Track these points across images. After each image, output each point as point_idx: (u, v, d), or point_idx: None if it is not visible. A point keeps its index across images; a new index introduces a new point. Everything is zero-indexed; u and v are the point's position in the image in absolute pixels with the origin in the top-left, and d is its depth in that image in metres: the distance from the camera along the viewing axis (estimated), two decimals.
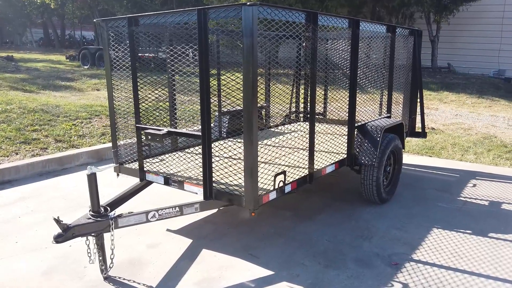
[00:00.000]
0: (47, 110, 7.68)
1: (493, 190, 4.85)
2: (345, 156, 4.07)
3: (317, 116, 4.87)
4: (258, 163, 2.93)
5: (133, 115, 3.75)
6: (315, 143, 3.52)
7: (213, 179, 3.15)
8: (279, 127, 5.68)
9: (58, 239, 2.67)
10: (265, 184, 3.16)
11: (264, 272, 3.06)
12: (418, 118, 5.59)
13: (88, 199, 4.56)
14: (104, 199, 4.24)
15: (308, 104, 3.44)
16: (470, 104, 11.63)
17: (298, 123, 6.10)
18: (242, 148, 2.87)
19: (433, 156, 6.46)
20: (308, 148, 3.48)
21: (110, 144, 6.45)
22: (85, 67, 16.32)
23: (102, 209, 2.90)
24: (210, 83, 2.99)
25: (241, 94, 2.77)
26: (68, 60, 19.28)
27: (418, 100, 5.48)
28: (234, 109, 4.96)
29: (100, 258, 2.88)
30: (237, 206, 3.30)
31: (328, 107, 5.49)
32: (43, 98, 9.12)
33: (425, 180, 5.23)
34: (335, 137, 4.10)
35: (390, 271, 3.05)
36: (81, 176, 5.42)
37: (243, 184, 3.18)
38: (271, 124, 5.82)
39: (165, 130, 3.31)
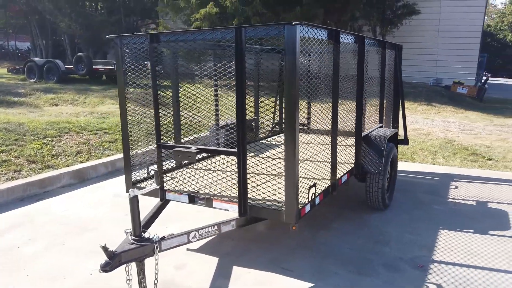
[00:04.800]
0: (11, 129, 7.12)
1: (474, 191, 5.29)
2: (353, 165, 4.25)
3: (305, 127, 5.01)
4: (280, 176, 2.96)
5: (151, 133, 3.62)
6: (328, 155, 3.64)
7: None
8: (271, 139, 5.76)
9: (106, 268, 2.53)
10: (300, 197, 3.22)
11: (302, 285, 3.11)
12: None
13: (87, 223, 4.35)
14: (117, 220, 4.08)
15: (330, 117, 3.56)
16: (421, 111, 12.53)
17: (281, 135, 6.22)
18: (266, 162, 2.91)
19: (408, 161, 6.89)
20: (330, 160, 3.60)
21: (91, 163, 6.15)
22: (32, 80, 15.29)
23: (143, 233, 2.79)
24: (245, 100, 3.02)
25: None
26: (10, 73, 17.93)
27: (400, 109, 5.85)
28: (231, 122, 4.98)
29: (144, 285, 2.75)
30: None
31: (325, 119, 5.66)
32: (1, 116, 8.44)
33: (411, 184, 5.57)
34: (344, 148, 4.26)
35: (419, 274, 3.24)
36: (68, 198, 5.10)
37: (276, 198, 3.23)
38: (261, 136, 5.89)
39: (194, 147, 3.26)
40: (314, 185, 3.27)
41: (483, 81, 17.07)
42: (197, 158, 3.21)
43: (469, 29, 19.30)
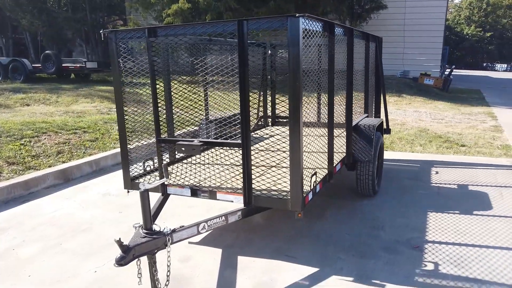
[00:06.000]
0: None
1: (453, 175, 5.58)
2: (344, 154, 4.38)
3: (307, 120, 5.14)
4: (279, 166, 3.05)
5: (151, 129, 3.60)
6: (323, 145, 3.75)
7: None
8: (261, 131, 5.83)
9: (121, 261, 2.52)
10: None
11: (309, 270, 3.21)
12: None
13: (80, 223, 4.27)
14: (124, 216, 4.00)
15: (325, 109, 3.67)
16: (393, 102, 12.95)
17: (267, 127, 6.31)
18: (259, 154, 2.99)
19: (388, 150, 7.14)
20: (325, 150, 3.71)
21: (75, 163, 6.01)
22: None
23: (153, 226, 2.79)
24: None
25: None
26: None
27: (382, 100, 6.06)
28: (221, 116, 5.01)
29: (156, 277, 2.76)
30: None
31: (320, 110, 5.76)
32: None
33: (395, 171, 5.80)
34: (336, 138, 4.38)
35: (416, 254, 3.41)
36: (55, 199, 4.98)
37: (279, 187, 3.30)
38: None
39: (196, 140, 3.28)
40: (315, 173, 3.38)
41: (447, 72, 17.81)
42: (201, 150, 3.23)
43: (433, 23, 20.07)
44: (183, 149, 3.22)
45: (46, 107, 9.96)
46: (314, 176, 3.36)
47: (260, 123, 6.35)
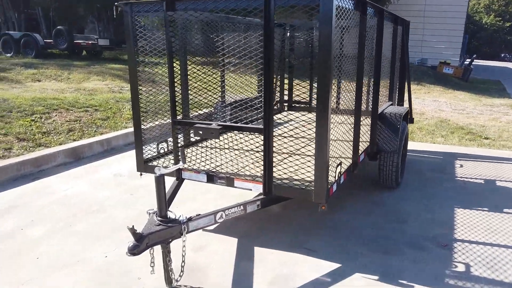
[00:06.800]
0: None
1: (479, 169, 5.32)
2: (368, 144, 4.15)
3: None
4: (301, 154, 2.83)
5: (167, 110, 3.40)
6: (348, 133, 3.52)
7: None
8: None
9: (134, 251, 2.36)
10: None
11: (331, 265, 3.03)
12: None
13: (91, 204, 4.13)
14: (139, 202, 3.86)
15: (353, 95, 3.43)
16: (412, 90, 12.55)
17: (282, 112, 6.07)
18: (278, 140, 2.77)
19: (408, 140, 6.87)
20: (350, 138, 3.49)
21: (86, 141, 5.86)
22: (8, 55, 14.48)
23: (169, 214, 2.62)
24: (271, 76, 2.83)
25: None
26: None
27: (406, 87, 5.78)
28: (239, 98, 4.80)
29: (170, 267, 2.60)
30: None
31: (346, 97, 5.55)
32: None
33: (417, 163, 5.55)
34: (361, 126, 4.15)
35: (445, 253, 3.20)
36: (66, 177, 4.85)
37: (302, 176, 3.10)
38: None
39: (214, 124, 3.07)
40: (340, 163, 3.16)
41: (467, 62, 17.26)
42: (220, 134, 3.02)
43: (454, 9, 19.42)
44: (201, 132, 3.01)
45: (57, 84, 9.81)
46: (339, 166, 3.15)
47: (276, 107, 6.11)
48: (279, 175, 3.15)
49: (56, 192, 4.40)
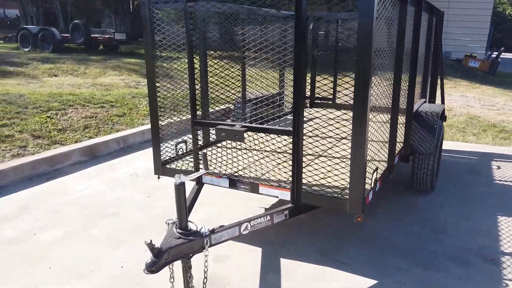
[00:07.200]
0: (11, 101, 6.60)
1: None
2: (402, 146, 3.84)
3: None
4: (332, 158, 2.53)
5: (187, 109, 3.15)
6: (383, 134, 3.22)
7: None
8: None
9: (152, 268, 2.12)
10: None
11: (365, 281, 2.75)
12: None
13: (106, 206, 3.93)
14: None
15: (389, 93, 3.13)
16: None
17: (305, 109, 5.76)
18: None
19: None
20: (388, 140, 3.19)
21: (102, 139, 5.68)
22: (25, 49, 14.48)
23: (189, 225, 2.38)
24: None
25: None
26: (2, 41, 17.03)
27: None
28: (260, 96, 4.53)
29: (191, 285, 2.37)
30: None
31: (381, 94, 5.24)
32: None
33: (450, 164, 5.20)
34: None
35: (493, 269, 2.89)
36: (81, 177, 4.67)
37: (333, 183, 2.82)
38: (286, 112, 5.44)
39: (238, 125, 2.81)
40: (376, 169, 2.87)
41: (495, 54, 16.52)
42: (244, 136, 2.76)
43: (481, 0, 18.65)
44: (223, 134, 2.76)
45: (73, 79, 9.70)
46: (376, 172, 2.85)
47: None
48: (308, 181, 2.87)
49: (71, 192, 4.23)
